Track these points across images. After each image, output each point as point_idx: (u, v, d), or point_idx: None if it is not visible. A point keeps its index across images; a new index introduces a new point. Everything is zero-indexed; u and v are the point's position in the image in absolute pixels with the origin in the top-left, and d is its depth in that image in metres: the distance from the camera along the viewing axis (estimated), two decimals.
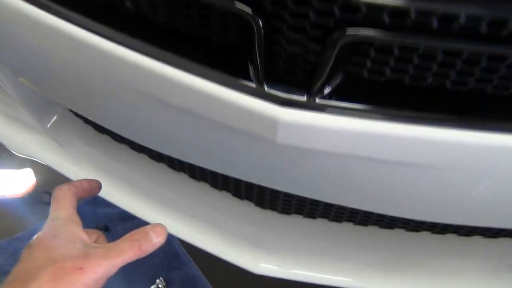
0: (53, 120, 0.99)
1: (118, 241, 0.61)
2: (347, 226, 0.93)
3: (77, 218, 0.63)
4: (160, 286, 1.39)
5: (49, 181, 1.67)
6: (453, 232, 0.90)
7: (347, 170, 0.63)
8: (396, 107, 0.57)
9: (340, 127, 0.57)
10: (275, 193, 0.85)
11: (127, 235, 0.62)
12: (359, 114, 0.57)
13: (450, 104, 0.58)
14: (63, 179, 1.70)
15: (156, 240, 0.64)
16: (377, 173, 0.63)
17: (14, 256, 1.46)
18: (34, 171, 1.64)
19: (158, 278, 1.40)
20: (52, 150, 1.01)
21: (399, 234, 0.94)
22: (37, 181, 1.63)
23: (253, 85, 0.58)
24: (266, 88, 0.58)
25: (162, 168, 1.00)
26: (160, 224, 0.66)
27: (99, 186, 0.74)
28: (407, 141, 0.57)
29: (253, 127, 0.60)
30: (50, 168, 1.73)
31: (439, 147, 0.57)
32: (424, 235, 0.94)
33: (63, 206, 0.62)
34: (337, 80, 0.57)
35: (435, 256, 0.92)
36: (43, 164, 1.73)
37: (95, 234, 0.69)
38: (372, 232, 0.93)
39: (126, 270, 1.47)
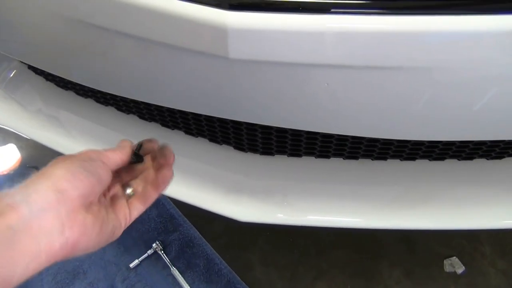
0: (9, 77, 0.90)
1: None
2: (338, 162, 0.85)
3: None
4: (157, 250, 1.35)
5: (35, 156, 1.62)
6: (452, 157, 0.82)
7: (315, 85, 0.55)
8: None
9: (307, 29, 0.48)
10: (251, 131, 0.77)
11: None
12: (329, 8, 0.48)
13: None
14: (48, 153, 1.65)
15: None
16: (365, 86, 0.54)
17: None
18: (19, 147, 1.59)
19: (155, 242, 1.36)
20: (14, 112, 0.93)
21: (406, 166, 0.86)
22: (22, 156, 1.57)
23: None
24: None
25: (133, 119, 0.92)
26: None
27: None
28: (407, 38, 0.48)
29: (203, 42, 0.51)
30: (34, 142, 1.67)
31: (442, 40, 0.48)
32: (433, 165, 0.85)
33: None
34: None
35: (447, 186, 0.84)
36: (27, 139, 1.68)
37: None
38: (368, 165, 0.85)
39: (121, 238, 1.42)
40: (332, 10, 0.49)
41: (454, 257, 1.33)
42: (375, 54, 0.50)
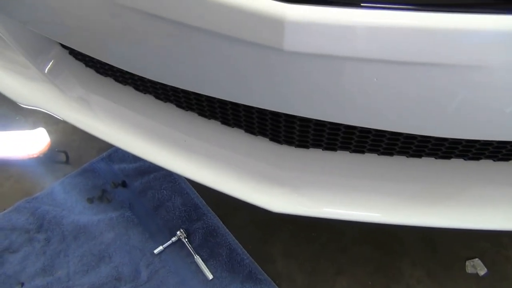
0: (50, 63, 0.93)
1: None
2: (371, 157, 0.86)
3: None
4: (181, 237, 1.38)
5: (63, 140, 1.65)
6: (488, 157, 0.82)
7: (367, 79, 0.56)
8: None
9: (362, 24, 0.49)
10: (289, 123, 0.78)
11: None
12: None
13: None
14: (76, 137, 1.69)
15: None
16: (407, 82, 0.55)
17: (34, 215, 1.47)
18: (48, 131, 1.62)
19: (179, 230, 1.38)
20: (55, 97, 0.96)
21: (430, 163, 0.86)
22: (51, 140, 1.61)
23: None
24: None
25: (170, 108, 0.94)
26: None
27: None
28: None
29: (257, 33, 0.52)
30: (63, 127, 1.71)
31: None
32: (457, 163, 0.86)
33: None
34: None
35: (470, 185, 0.84)
36: (56, 123, 1.72)
37: None
38: (400, 162, 0.86)
39: (146, 224, 1.46)
40: (377, 5, 0.49)
41: (477, 258, 1.32)
42: (428, 51, 0.50)
